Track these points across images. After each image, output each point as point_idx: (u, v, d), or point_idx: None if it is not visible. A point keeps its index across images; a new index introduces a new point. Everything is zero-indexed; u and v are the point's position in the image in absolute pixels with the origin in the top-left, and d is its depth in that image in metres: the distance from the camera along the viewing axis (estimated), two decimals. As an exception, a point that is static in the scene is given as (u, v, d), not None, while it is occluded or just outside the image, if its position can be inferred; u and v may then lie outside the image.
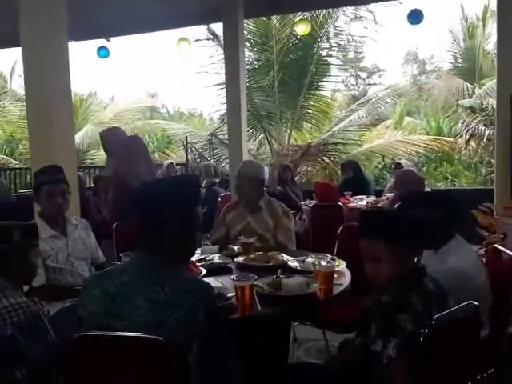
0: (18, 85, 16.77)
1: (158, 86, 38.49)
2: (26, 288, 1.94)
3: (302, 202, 5.82)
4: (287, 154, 9.09)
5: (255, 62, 9.71)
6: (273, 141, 9.52)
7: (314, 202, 5.42)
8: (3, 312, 1.69)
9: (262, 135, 9.99)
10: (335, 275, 2.18)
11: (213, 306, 1.46)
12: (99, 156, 12.07)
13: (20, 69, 17.48)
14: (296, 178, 7.67)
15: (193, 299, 1.39)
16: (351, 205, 5.18)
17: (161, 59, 45.94)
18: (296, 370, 2.13)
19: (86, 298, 1.52)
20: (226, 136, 9.40)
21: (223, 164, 9.72)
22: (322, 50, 9.63)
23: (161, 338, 1.29)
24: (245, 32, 7.87)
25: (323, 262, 2.22)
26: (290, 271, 2.34)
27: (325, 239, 3.71)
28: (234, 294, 1.94)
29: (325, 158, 9.29)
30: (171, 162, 8.31)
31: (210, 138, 10.15)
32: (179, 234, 1.53)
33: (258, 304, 1.93)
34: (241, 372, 1.45)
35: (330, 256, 2.50)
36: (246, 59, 8.31)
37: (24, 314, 1.71)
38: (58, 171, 2.71)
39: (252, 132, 9.55)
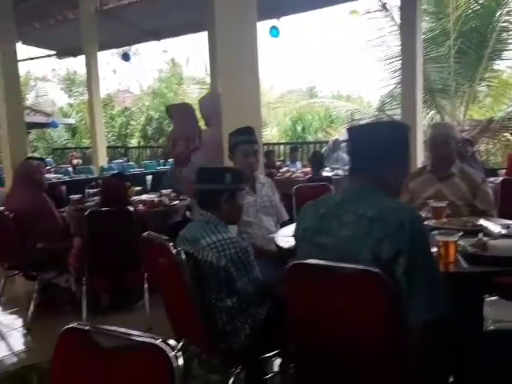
0: (192, 71, 18.49)
1: (318, 69, 38.62)
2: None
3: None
4: (463, 130, 8.35)
5: (428, 32, 9.07)
6: (446, 116, 8.85)
7: (500, 178, 4.89)
8: (218, 245, 1.86)
9: (433, 111, 9.36)
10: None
11: (420, 226, 1.44)
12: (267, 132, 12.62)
13: (193, 57, 19.26)
14: (474, 155, 7.01)
15: (400, 216, 1.39)
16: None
17: (320, 43, 45.97)
18: (496, 336, 1.95)
19: (301, 218, 1.67)
20: (395, 112, 9.04)
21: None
22: (506, 15, 8.58)
23: (372, 269, 1.28)
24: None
25: (538, 226, 1.97)
26: (492, 236, 2.13)
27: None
28: (435, 250, 1.84)
29: (507, 134, 8.33)
30: (337, 138, 8.31)
31: (376, 114, 9.84)
32: (394, 171, 1.58)
33: (463, 262, 1.80)
34: (447, 295, 1.40)
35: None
36: (420, 29, 7.82)
37: (235, 248, 1.86)
38: (251, 132, 2.85)
39: (422, 107, 9.00)
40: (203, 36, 8.69)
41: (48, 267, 3.65)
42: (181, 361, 0.93)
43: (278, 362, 2.67)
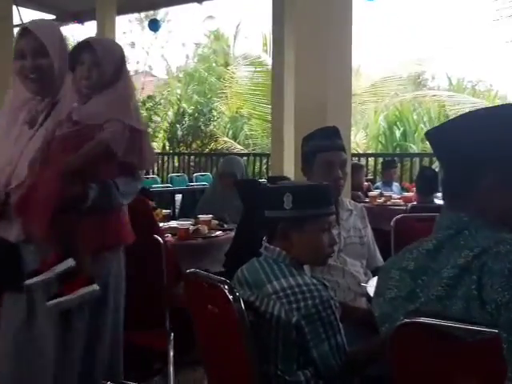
0: (243, 47, 18.90)
1: (429, 48, 38.14)
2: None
3: None
4: None
5: None
6: None
7: None
8: (289, 293, 1.95)
9: None
10: None
11: None
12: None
13: (244, 28, 19.70)
14: None
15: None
16: None
17: (434, 11, 45.79)
18: None
19: (383, 283, 1.62)
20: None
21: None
22: None
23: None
24: None
25: None
26: None
27: None
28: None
29: None
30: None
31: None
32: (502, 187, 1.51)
33: None
34: None
35: None
36: None
37: (313, 299, 1.94)
38: (337, 136, 2.94)
39: None
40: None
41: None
42: None
43: None
